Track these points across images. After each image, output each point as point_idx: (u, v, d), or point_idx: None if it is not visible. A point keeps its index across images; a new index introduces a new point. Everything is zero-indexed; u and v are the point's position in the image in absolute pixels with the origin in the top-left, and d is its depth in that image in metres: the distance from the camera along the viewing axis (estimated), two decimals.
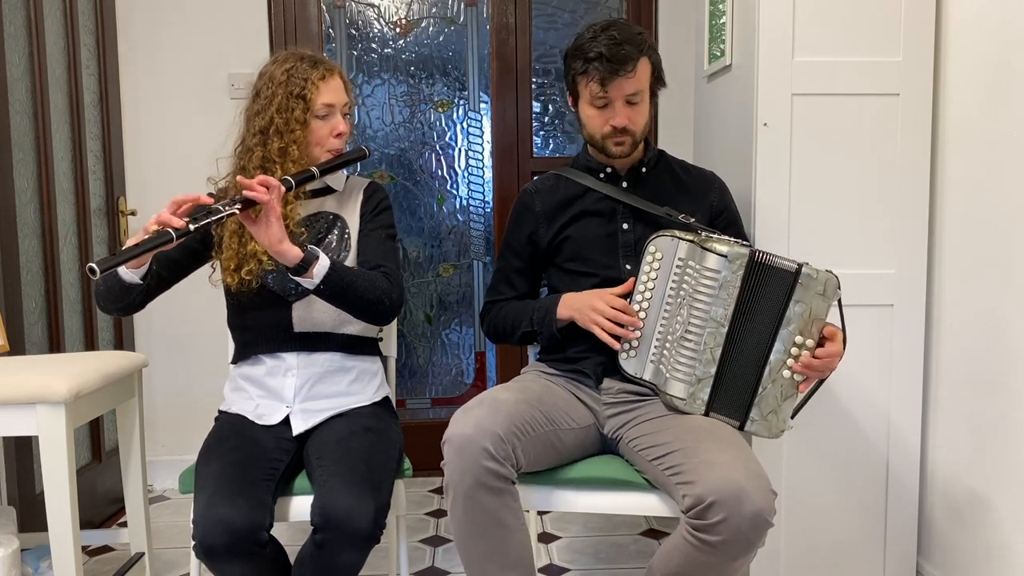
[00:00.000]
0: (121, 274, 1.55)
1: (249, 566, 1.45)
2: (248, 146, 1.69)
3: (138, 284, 1.57)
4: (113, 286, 1.57)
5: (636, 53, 1.65)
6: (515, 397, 1.55)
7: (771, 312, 1.55)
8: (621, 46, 1.63)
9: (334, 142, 1.71)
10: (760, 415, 1.57)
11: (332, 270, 1.55)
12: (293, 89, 1.66)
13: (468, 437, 1.43)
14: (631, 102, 1.68)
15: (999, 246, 1.75)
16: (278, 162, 1.65)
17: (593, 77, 1.65)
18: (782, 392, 1.57)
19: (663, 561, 1.46)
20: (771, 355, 1.56)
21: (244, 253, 1.64)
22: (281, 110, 1.65)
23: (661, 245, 1.61)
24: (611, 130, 1.70)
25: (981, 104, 1.81)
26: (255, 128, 1.67)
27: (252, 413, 1.67)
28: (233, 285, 1.66)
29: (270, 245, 1.50)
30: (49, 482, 1.60)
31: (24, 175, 2.25)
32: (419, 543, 2.44)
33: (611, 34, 1.64)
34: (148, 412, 2.88)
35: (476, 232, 3.10)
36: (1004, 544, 1.75)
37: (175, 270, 1.69)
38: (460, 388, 3.17)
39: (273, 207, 1.49)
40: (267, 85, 1.68)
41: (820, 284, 1.54)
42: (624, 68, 1.63)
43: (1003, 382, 1.75)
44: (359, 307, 1.61)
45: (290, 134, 1.65)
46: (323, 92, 1.68)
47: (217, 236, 1.69)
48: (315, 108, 1.67)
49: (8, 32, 2.17)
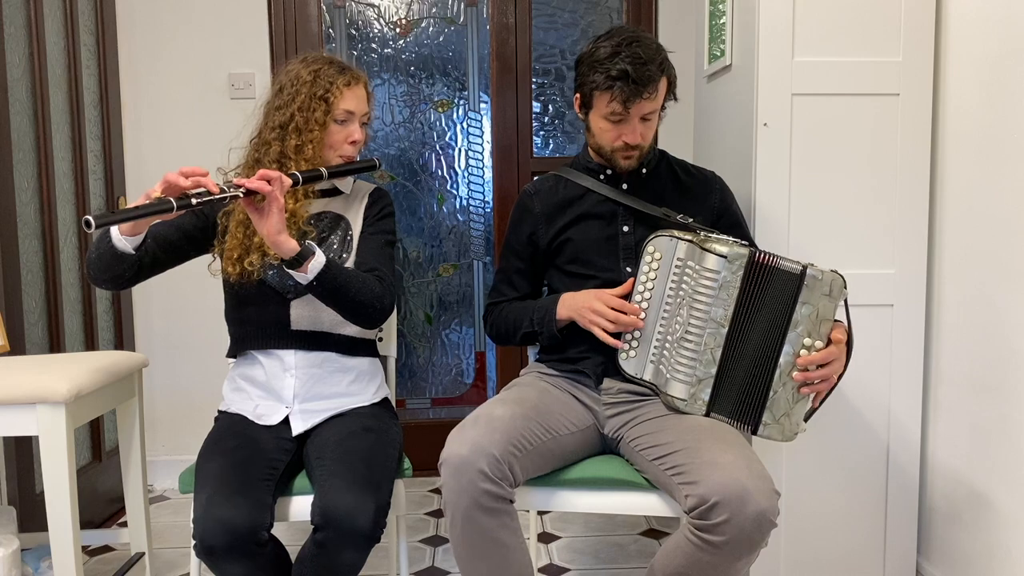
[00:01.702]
0: (115, 240, 1.54)
1: (249, 566, 1.45)
2: (266, 139, 1.70)
3: (131, 254, 1.56)
4: (105, 252, 1.56)
5: (658, 74, 1.63)
6: (511, 412, 1.53)
7: (777, 314, 1.55)
8: (646, 66, 1.60)
9: (348, 148, 1.73)
10: (773, 419, 1.57)
11: (327, 267, 1.55)
12: (317, 90, 1.68)
13: (464, 458, 1.43)
14: (645, 119, 1.67)
15: (999, 246, 1.75)
16: (293, 159, 1.67)
17: (616, 96, 1.61)
18: (793, 395, 1.56)
19: (665, 561, 1.46)
20: (780, 358, 1.55)
21: (249, 244, 1.65)
22: (303, 108, 1.68)
23: (660, 245, 1.61)
24: (623, 145, 1.69)
25: (981, 104, 1.81)
26: (275, 123, 1.69)
27: (252, 413, 1.68)
28: (233, 275, 1.66)
29: (268, 235, 1.50)
30: (49, 482, 1.61)
31: (24, 175, 2.25)
32: (419, 543, 2.44)
33: (635, 52, 1.60)
34: (148, 412, 2.88)
35: (476, 232, 3.10)
36: (1004, 544, 1.75)
37: (171, 252, 1.68)
38: (460, 388, 3.17)
39: (276, 198, 1.49)
40: (292, 82, 1.70)
41: (826, 285, 1.53)
42: (647, 90, 1.61)
43: (1003, 382, 1.75)
44: (351, 307, 1.61)
45: (308, 133, 1.68)
46: (346, 98, 1.70)
47: (223, 225, 1.70)
48: (336, 112, 1.69)
49: (8, 32, 2.17)
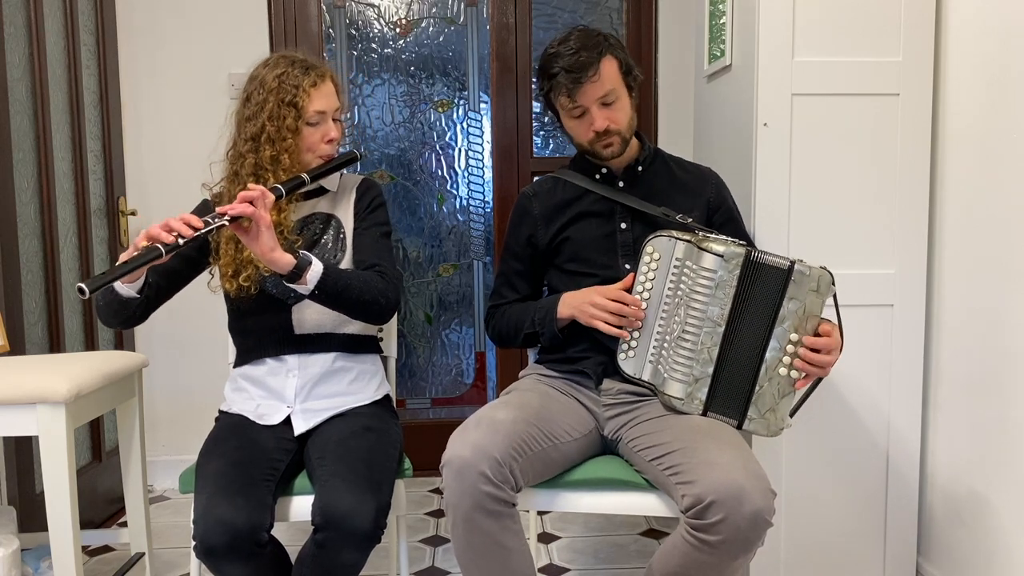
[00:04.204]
0: (118, 289, 1.56)
1: (249, 566, 1.45)
2: (240, 152, 1.68)
3: (135, 298, 1.59)
4: (112, 302, 1.59)
5: (595, 56, 1.65)
6: (513, 415, 1.53)
7: (765, 310, 1.55)
8: (578, 54, 1.64)
9: (325, 148, 1.70)
10: (758, 413, 1.57)
11: (326, 274, 1.55)
12: (284, 96, 1.64)
13: (466, 461, 1.43)
14: (606, 103, 1.68)
15: (999, 246, 1.75)
16: (270, 169, 1.64)
17: (560, 91, 1.66)
18: (779, 390, 1.57)
19: (663, 561, 1.46)
20: (766, 353, 1.56)
21: (241, 259, 1.65)
22: (273, 117, 1.64)
23: (659, 245, 1.61)
24: (595, 135, 1.70)
25: (981, 104, 1.81)
26: (247, 134, 1.66)
27: (253, 413, 1.68)
28: (232, 291, 1.66)
29: (262, 254, 1.49)
30: (49, 482, 1.61)
31: (24, 175, 2.25)
32: (419, 543, 2.44)
33: (569, 45, 1.65)
34: (148, 412, 2.88)
35: (476, 232, 3.10)
36: (1004, 544, 1.75)
37: (174, 279, 1.70)
38: (460, 388, 3.17)
39: (262, 217, 1.47)
40: (258, 90, 1.67)
41: (813, 281, 1.54)
42: (585, 75, 1.64)
43: (1003, 382, 1.75)
44: (356, 308, 1.61)
45: (282, 142, 1.64)
46: (315, 99, 1.66)
47: (214, 243, 1.69)
48: (307, 115, 1.66)
49: (8, 32, 2.17)
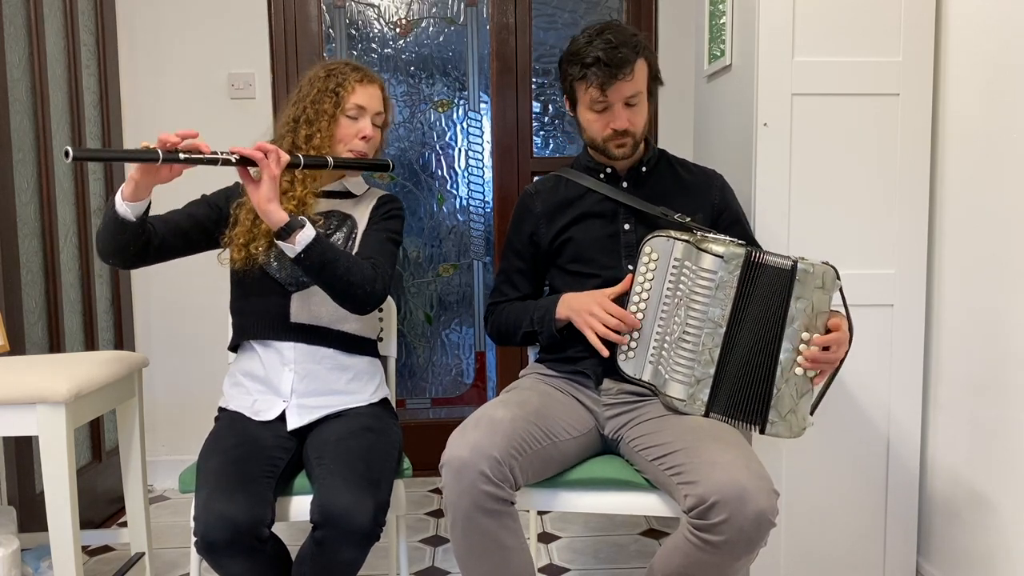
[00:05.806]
0: (117, 207, 1.53)
1: (250, 562, 1.45)
2: (280, 134, 1.75)
3: (132, 222, 1.54)
4: (109, 221, 1.55)
5: (633, 55, 1.64)
6: (512, 414, 1.53)
7: (772, 312, 1.55)
8: (618, 49, 1.63)
9: (358, 143, 1.74)
10: (779, 416, 1.56)
11: (316, 240, 1.55)
12: (329, 84, 1.73)
13: (465, 460, 1.43)
14: (630, 104, 1.68)
15: (999, 245, 1.75)
16: (303, 149, 1.70)
17: (592, 82, 1.65)
18: (797, 390, 1.56)
19: (664, 561, 1.46)
20: (780, 355, 1.55)
21: (256, 232, 1.68)
22: (314, 102, 1.72)
23: (657, 246, 1.61)
24: (612, 133, 1.70)
25: (981, 104, 1.81)
26: (288, 117, 1.75)
27: (249, 409, 1.68)
28: (239, 261, 1.68)
29: (258, 203, 1.53)
30: (49, 482, 1.61)
31: (24, 175, 2.25)
32: (419, 543, 2.44)
33: (607, 38, 1.64)
34: (148, 412, 2.88)
35: (476, 232, 3.10)
36: (1004, 544, 1.75)
37: (181, 239, 1.69)
38: (460, 388, 3.17)
39: (268, 167, 1.52)
40: (308, 82, 1.76)
41: (818, 278, 1.53)
42: (622, 71, 1.63)
43: (1003, 382, 1.75)
44: (338, 287, 1.60)
45: (317, 122, 1.71)
46: (357, 93, 1.73)
47: (235, 216, 1.72)
48: (345, 106, 1.73)
49: (8, 32, 2.17)
